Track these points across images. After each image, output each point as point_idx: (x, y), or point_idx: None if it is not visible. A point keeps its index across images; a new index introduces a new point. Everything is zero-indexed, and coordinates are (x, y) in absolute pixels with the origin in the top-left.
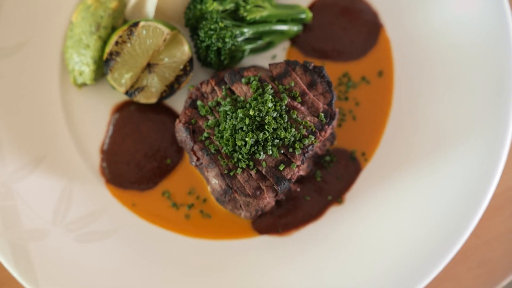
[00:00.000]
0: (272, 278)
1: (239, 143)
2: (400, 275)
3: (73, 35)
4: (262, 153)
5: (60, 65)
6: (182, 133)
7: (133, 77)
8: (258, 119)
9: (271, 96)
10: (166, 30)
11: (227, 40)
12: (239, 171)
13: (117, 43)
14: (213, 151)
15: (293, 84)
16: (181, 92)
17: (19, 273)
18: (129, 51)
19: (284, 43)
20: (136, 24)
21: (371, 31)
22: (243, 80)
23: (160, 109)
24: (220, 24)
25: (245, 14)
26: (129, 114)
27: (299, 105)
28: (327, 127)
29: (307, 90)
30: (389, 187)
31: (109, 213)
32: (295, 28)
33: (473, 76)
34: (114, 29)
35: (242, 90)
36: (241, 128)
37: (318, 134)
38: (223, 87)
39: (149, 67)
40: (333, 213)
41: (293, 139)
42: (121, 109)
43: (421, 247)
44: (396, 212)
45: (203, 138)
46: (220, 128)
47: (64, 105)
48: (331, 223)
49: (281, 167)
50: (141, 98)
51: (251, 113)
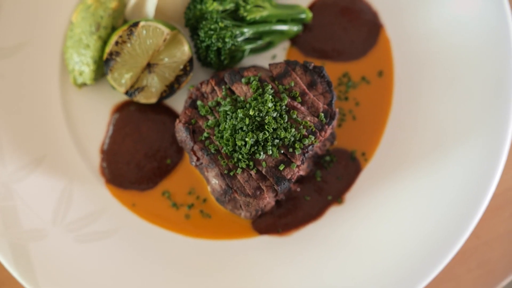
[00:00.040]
0: (272, 278)
1: (239, 143)
2: (400, 276)
3: (73, 35)
4: (262, 153)
5: (60, 65)
6: (182, 133)
7: (133, 77)
8: (258, 119)
9: (271, 96)
10: (166, 30)
11: (227, 40)
12: (239, 171)
13: (117, 43)
14: (213, 151)
15: (293, 84)
16: (181, 92)
17: (19, 273)
18: (129, 51)
19: (284, 43)
20: (136, 24)
21: (371, 31)
22: (243, 80)
23: (160, 109)
24: (220, 24)
25: (245, 14)
26: (129, 114)
27: (299, 105)
28: (327, 127)
29: (307, 90)
30: (389, 187)
31: (109, 213)
32: (295, 28)
33: (473, 76)
34: (114, 29)
35: (242, 90)
36: (241, 128)
37: (318, 134)
38: (223, 87)
39: (149, 67)
40: (333, 213)
41: (293, 139)
42: (121, 109)
43: (421, 247)
44: (396, 212)
45: (203, 138)
46: (220, 128)
47: (64, 105)
48: (331, 223)
49: (281, 167)
50: (141, 98)
51: (251, 113)
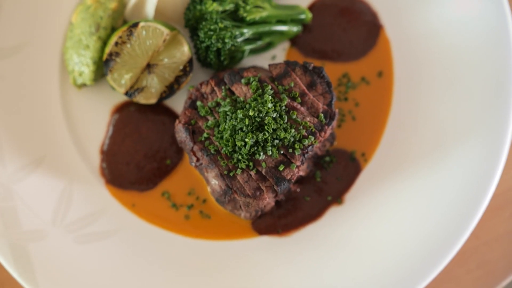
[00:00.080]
0: (272, 279)
1: (238, 143)
2: (399, 276)
3: (72, 36)
4: (261, 153)
5: (60, 66)
6: (181, 134)
7: (133, 78)
8: (258, 119)
9: (270, 97)
10: (165, 31)
11: (226, 40)
12: (238, 171)
13: (116, 43)
14: (212, 152)
15: (292, 85)
16: (181, 93)
17: (19, 273)
18: (128, 51)
19: (284, 43)
20: (135, 25)
21: (370, 32)
22: (243, 80)
23: (160, 109)
24: (220, 24)
25: (244, 14)
26: (129, 114)
27: (298, 106)
28: (326, 127)
29: (306, 91)
30: (388, 187)
31: (109, 213)
32: (295, 28)
33: (473, 76)
34: (113, 29)
35: (241, 91)
36: (241, 129)
37: (318, 135)
38: (223, 87)
39: (148, 67)
40: (333, 213)
41: (292, 139)
42: (120, 109)
43: (420, 247)
44: (396, 213)
45: (203, 139)
46: (220, 129)
47: (64, 105)
48: (331, 224)
49: (281, 168)
50: (141, 99)
51: (251, 113)
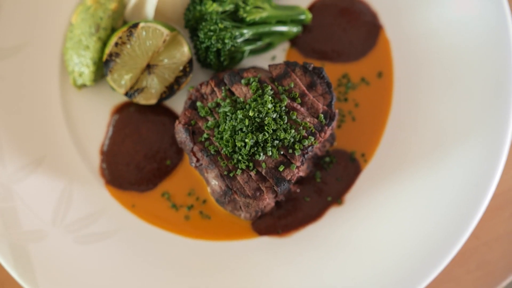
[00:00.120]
0: (272, 279)
1: (238, 144)
2: (399, 276)
3: (72, 36)
4: (261, 154)
5: (60, 66)
6: (181, 134)
7: (133, 78)
8: (258, 120)
9: (270, 97)
10: (165, 31)
11: (226, 41)
12: (238, 172)
13: (116, 44)
14: (212, 152)
15: (292, 85)
16: (181, 93)
17: (19, 273)
18: (128, 52)
19: (284, 44)
20: (135, 25)
21: (370, 32)
22: (243, 81)
23: (160, 110)
24: (220, 25)
25: (244, 15)
26: (128, 115)
27: (298, 106)
28: (326, 128)
29: (306, 91)
30: (388, 188)
31: (109, 214)
32: (295, 29)
33: (472, 76)
34: (113, 30)
35: (241, 91)
36: (241, 129)
37: (318, 135)
38: (223, 88)
39: (148, 68)
40: (333, 214)
41: (292, 140)
42: (120, 110)
43: (420, 248)
44: (396, 213)
45: (203, 139)
46: (220, 129)
47: (64, 106)
48: (331, 224)
49: (281, 168)
50: (141, 99)
51: (251, 114)
